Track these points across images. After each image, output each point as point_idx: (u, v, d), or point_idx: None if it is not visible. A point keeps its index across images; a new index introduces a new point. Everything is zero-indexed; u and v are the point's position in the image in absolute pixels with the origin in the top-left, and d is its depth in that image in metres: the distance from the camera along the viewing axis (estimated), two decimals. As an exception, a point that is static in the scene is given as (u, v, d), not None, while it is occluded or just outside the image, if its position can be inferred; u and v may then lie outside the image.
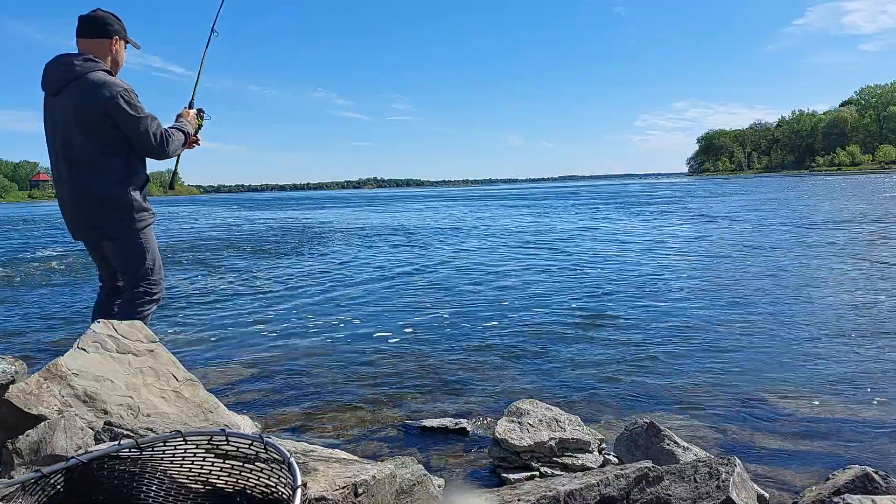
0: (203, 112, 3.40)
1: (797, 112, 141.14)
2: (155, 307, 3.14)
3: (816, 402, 3.27)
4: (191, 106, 3.41)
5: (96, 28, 2.95)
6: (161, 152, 3.04)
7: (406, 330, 5.12)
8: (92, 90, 2.82)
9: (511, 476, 2.43)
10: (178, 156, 3.35)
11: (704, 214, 18.73)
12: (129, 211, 2.97)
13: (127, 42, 3.09)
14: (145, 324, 3.02)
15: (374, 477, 1.63)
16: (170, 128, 3.12)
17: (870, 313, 5.16)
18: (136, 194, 2.98)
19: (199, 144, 3.35)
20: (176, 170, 3.61)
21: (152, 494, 1.43)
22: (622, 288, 6.80)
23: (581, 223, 17.48)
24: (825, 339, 4.46)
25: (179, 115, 3.30)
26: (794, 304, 5.66)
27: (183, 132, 3.18)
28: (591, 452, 2.58)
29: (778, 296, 6.04)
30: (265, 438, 1.38)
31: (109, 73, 2.94)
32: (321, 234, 17.13)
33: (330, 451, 2.15)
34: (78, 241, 3.14)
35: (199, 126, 3.36)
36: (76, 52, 2.96)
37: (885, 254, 8.62)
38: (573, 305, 5.94)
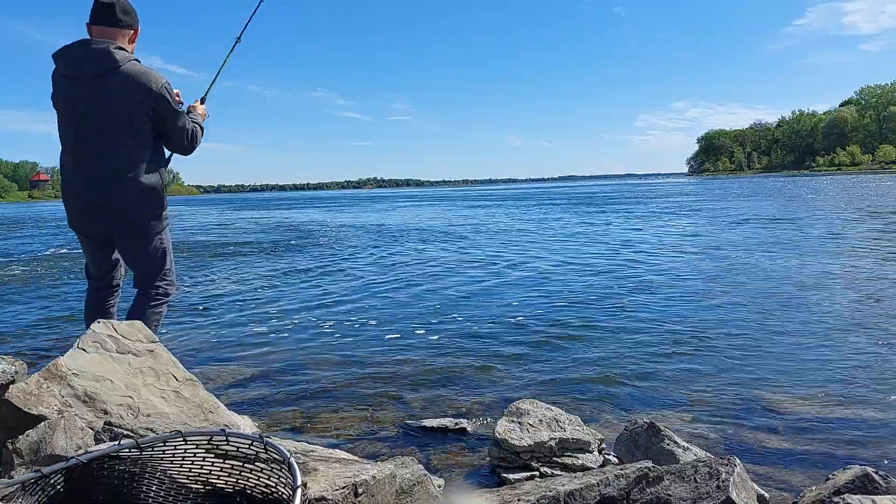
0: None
1: (797, 112, 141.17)
2: (167, 308, 3.12)
3: (816, 402, 3.27)
4: (203, 101, 3.39)
5: (124, 17, 2.85)
6: (191, 148, 3.02)
7: (406, 330, 5.12)
8: (133, 81, 2.74)
9: (511, 476, 2.43)
10: None
11: (701, 214, 18.73)
12: (160, 207, 2.93)
13: None
14: (160, 323, 3.01)
15: (374, 477, 1.63)
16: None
17: (870, 312, 5.16)
18: (159, 190, 2.93)
19: None
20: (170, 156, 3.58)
21: (152, 494, 1.43)
22: (621, 288, 6.80)
23: (570, 224, 17.49)
24: (825, 338, 4.46)
25: (192, 108, 3.23)
26: (793, 303, 5.66)
27: (200, 126, 3.15)
28: (591, 452, 2.58)
29: (777, 295, 6.04)
30: (265, 438, 1.39)
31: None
32: (321, 233, 17.14)
33: (330, 451, 2.15)
34: (82, 231, 2.99)
35: None
36: (96, 38, 2.81)
37: (885, 252, 8.62)
38: (572, 306, 5.94)
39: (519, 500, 1.93)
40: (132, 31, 2.92)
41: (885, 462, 2.57)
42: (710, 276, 7.42)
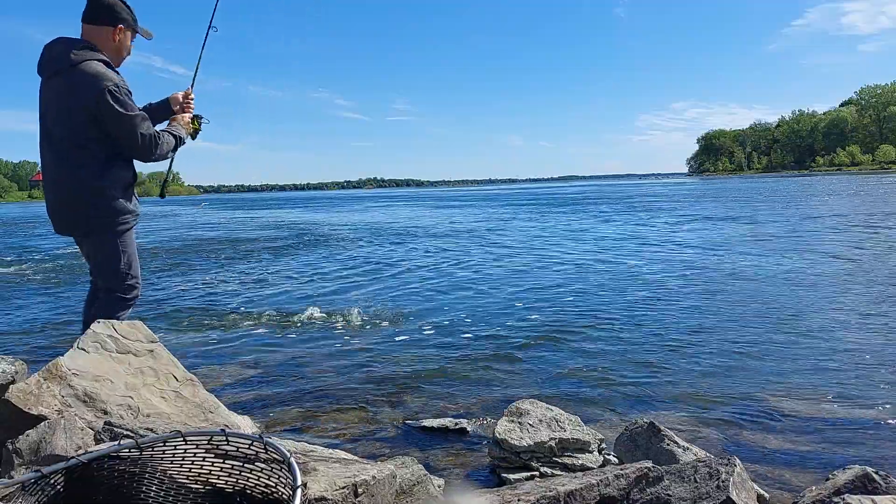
0: (201, 118, 3.25)
1: (797, 112, 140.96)
2: (130, 311, 2.97)
3: (816, 402, 3.27)
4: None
5: (101, 14, 2.76)
6: (147, 154, 2.84)
7: (406, 330, 5.12)
8: (81, 82, 2.67)
9: (511, 476, 2.43)
10: (171, 160, 3.21)
11: (700, 216, 18.73)
12: (106, 210, 2.80)
13: (136, 32, 2.88)
14: None
15: (374, 477, 1.63)
16: (162, 131, 2.94)
17: (869, 313, 5.16)
18: (117, 192, 2.80)
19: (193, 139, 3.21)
20: (167, 177, 3.46)
21: (152, 494, 1.43)
22: (621, 289, 6.80)
23: (568, 225, 17.49)
24: (825, 339, 4.46)
25: (174, 119, 3.12)
26: (793, 304, 5.66)
27: (175, 136, 3.00)
28: (591, 452, 2.58)
29: (778, 296, 6.04)
30: (265, 438, 1.38)
31: (107, 63, 2.76)
32: (321, 234, 17.13)
33: (330, 451, 2.15)
34: (54, 229, 2.96)
35: (197, 130, 3.23)
36: (78, 36, 2.78)
37: (883, 253, 8.62)
38: (572, 306, 5.94)
39: (519, 500, 1.92)
40: (114, 29, 2.79)
41: (886, 462, 2.57)
42: (709, 276, 7.42)
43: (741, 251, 9.56)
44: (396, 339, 4.84)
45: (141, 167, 3.05)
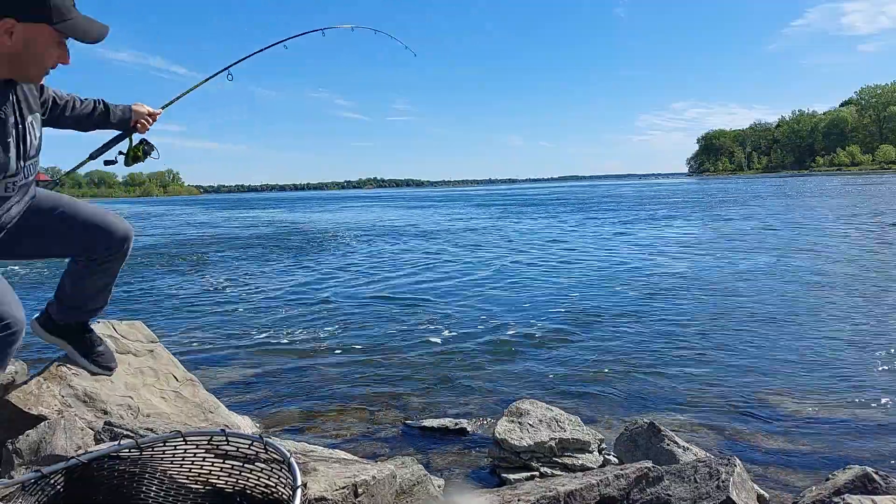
0: (151, 147, 2.38)
1: (797, 112, 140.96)
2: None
3: (816, 402, 3.27)
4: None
5: None
6: None
7: (405, 330, 5.12)
8: None
9: (511, 476, 2.43)
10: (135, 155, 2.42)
11: (700, 217, 18.73)
12: None
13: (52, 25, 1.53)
14: None
15: (374, 477, 1.63)
16: None
17: (869, 314, 5.16)
18: None
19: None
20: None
21: (152, 494, 1.43)
22: (620, 290, 6.80)
23: (568, 227, 17.50)
24: (824, 339, 4.46)
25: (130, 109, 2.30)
26: (792, 304, 5.66)
27: None
28: (591, 452, 2.58)
29: (778, 297, 6.04)
30: (265, 438, 1.39)
31: None
32: (321, 235, 17.14)
33: (330, 451, 2.15)
34: None
35: (136, 156, 2.36)
36: None
37: (883, 253, 8.62)
38: (572, 306, 5.94)
39: (519, 500, 1.92)
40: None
41: (886, 462, 2.57)
42: (708, 278, 7.42)
43: (739, 251, 9.56)
44: (396, 339, 4.84)
45: (142, 167, 2.89)
